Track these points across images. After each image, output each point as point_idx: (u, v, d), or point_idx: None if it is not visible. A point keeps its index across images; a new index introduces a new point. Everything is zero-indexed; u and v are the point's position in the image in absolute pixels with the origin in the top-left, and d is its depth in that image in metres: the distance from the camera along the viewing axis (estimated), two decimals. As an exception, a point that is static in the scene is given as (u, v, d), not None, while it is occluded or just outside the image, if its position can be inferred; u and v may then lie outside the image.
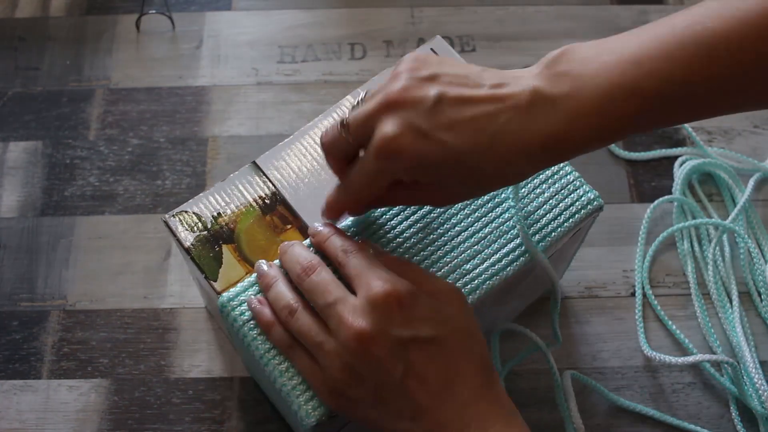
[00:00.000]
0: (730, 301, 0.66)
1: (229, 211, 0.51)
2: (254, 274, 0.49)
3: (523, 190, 0.53)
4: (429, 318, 0.44)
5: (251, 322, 0.48)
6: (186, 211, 0.51)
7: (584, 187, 0.53)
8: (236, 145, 0.72)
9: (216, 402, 0.62)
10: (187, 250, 0.50)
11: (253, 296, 0.48)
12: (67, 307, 0.65)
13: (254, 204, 0.52)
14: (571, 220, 0.52)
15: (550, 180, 0.53)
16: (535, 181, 0.53)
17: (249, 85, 0.76)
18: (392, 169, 0.43)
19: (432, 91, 0.42)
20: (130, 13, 0.79)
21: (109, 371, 0.63)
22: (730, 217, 0.67)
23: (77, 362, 0.63)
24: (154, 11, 0.78)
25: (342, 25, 0.79)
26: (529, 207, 0.52)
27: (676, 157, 0.72)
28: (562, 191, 0.53)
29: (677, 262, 0.69)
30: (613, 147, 0.72)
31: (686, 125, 0.72)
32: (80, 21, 0.79)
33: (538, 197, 0.52)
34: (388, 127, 0.42)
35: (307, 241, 0.50)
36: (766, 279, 0.66)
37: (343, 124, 0.45)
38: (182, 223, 0.51)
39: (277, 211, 0.52)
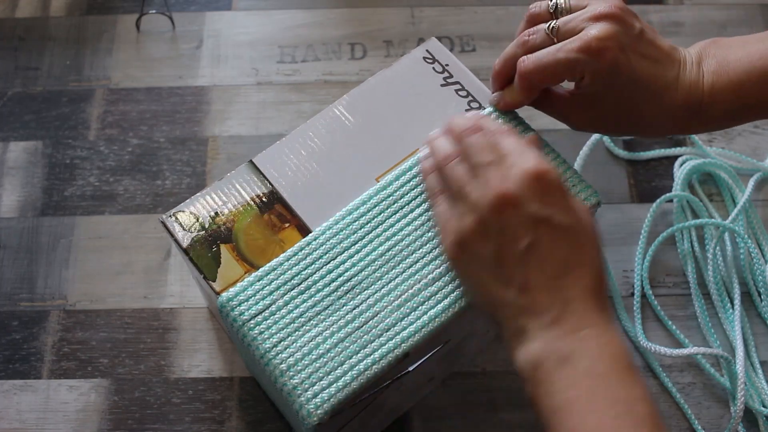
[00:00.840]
0: (731, 301, 0.66)
1: (226, 211, 0.51)
2: (254, 274, 0.49)
3: None
4: (568, 209, 0.46)
5: (251, 321, 0.48)
6: (183, 211, 0.51)
7: (582, 183, 0.53)
8: (236, 145, 0.72)
9: (216, 402, 0.62)
10: (185, 251, 0.50)
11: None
12: (67, 307, 0.65)
13: (252, 203, 0.52)
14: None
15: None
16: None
17: (249, 85, 0.76)
18: (586, 64, 0.49)
19: (637, 24, 0.51)
20: (130, 13, 0.79)
21: (109, 371, 0.63)
22: (730, 217, 0.67)
23: (77, 362, 0.63)
24: (154, 11, 0.78)
25: (342, 25, 0.79)
26: None
27: (676, 157, 0.72)
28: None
29: (677, 262, 0.68)
30: (613, 147, 0.72)
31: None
32: (80, 21, 0.79)
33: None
34: (601, 30, 0.49)
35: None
36: (766, 279, 0.66)
37: (552, 28, 0.51)
38: (180, 224, 0.51)
39: (275, 210, 0.52)
